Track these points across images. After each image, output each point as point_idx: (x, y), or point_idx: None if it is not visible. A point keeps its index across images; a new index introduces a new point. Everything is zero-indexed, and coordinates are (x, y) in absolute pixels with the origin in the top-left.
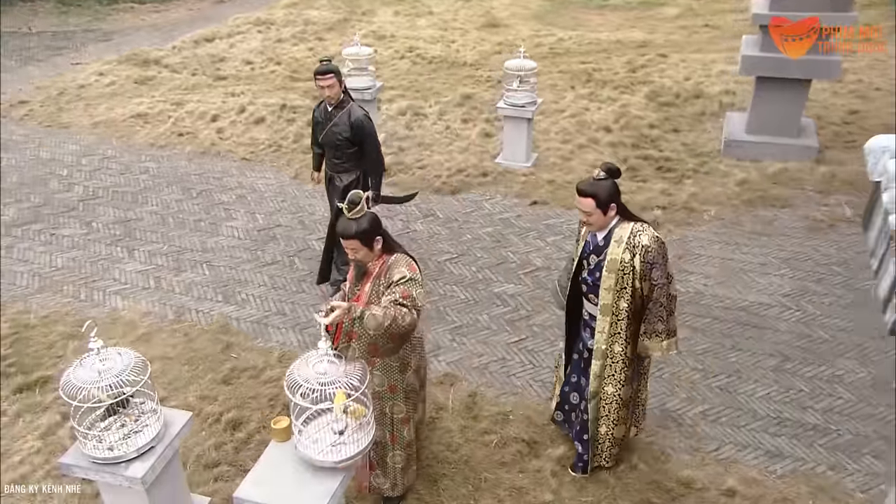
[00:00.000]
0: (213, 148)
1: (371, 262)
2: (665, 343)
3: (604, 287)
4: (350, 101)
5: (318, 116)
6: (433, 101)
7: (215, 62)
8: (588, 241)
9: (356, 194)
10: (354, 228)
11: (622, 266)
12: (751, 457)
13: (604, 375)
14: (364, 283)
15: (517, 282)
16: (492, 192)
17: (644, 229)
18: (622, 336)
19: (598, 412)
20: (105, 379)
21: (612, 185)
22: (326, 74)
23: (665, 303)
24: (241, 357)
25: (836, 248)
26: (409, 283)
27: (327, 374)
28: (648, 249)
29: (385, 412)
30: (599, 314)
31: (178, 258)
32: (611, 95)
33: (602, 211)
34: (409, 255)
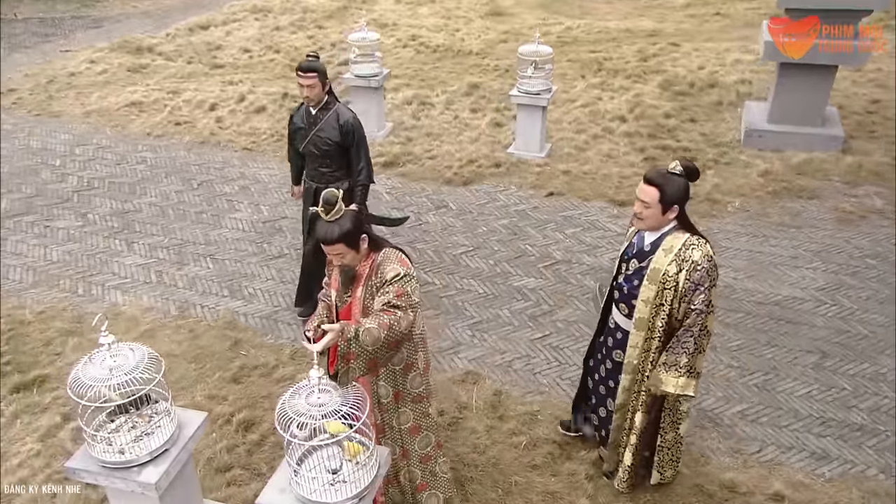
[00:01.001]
0: (213, 138)
1: (359, 264)
2: (682, 381)
3: (641, 298)
4: (335, 101)
5: (299, 121)
6: (439, 90)
7: (211, 50)
8: (633, 242)
9: (331, 193)
10: (337, 231)
11: (665, 279)
12: (796, 459)
13: (633, 390)
14: (355, 288)
15: (538, 275)
16: (505, 183)
17: (699, 244)
18: (653, 355)
19: (622, 422)
20: (116, 376)
21: (683, 185)
22: (309, 73)
23: (697, 334)
24: (251, 354)
25: (868, 240)
26: (402, 280)
27: (322, 405)
28: (697, 267)
29: (392, 425)
30: (634, 328)
31: (180, 251)
32: (623, 85)
33: (662, 208)
34: (397, 248)
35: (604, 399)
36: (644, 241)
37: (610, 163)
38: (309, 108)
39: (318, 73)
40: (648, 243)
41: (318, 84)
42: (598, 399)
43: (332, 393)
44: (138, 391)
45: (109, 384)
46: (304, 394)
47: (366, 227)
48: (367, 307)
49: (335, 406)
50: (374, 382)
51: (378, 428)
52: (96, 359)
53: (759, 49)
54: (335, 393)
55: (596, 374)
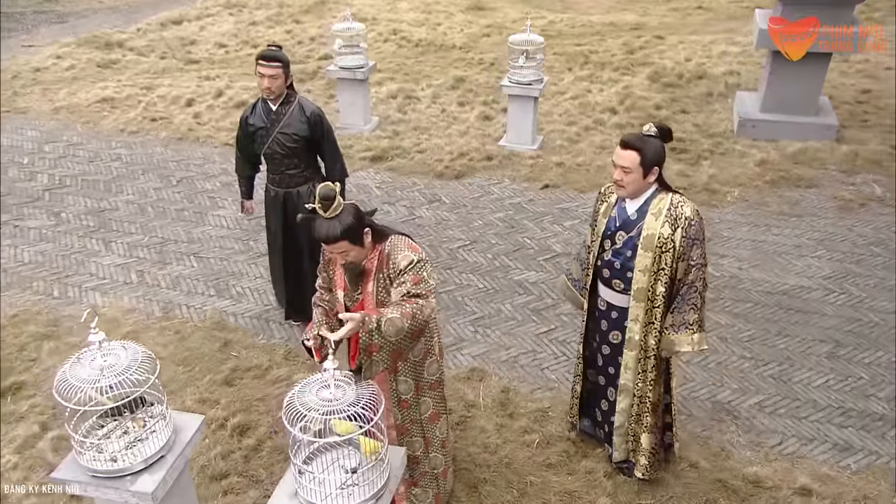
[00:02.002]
0: (191, 133)
1: (364, 259)
2: (696, 336)
3: (638, 268)
4: (296, 94)
5: (258, 121)
6: (424, 84)
7: (185, 45)
8: (614, 216)
9: (328, 188)
10: (339, 228)
11: (661, 242)
12: (818, 451)
13: (638, 369)
14: (365, 283)
15: (538, 269)
16: (498, 176)
17: (685, 200)
18: (656, 326)
19: (628, 407)
20: (107, 377)
21: (660, 146)
22: (273, 62)
23: (700, 288)
24: (243, 355)
25: (871, 227)
26: (417, 266)
27: (335, 400)
28: (692, 222)
29: (415, 419)
30: (633, 300)
31: (161, 250)
32: (611, 77)
33: (643, 171)
34: (402, 234)
35: (604, 390)
36: (627, 210)
37: (604, 154)
38: (268, 103)
39: (281, 64)
40: (633, 211)
41: (282, 76)
42: (598, 391)
43: (345, 389)
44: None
45: (98, 386)
46: (316, 388)
47: (367, 218)
48: (381, 301)
49: (347, 404)
50: (392, 381)
51: (400, 429)
52: (85, 358)
53: (744, 42)
54: (349, 389)
55: (594, 364)
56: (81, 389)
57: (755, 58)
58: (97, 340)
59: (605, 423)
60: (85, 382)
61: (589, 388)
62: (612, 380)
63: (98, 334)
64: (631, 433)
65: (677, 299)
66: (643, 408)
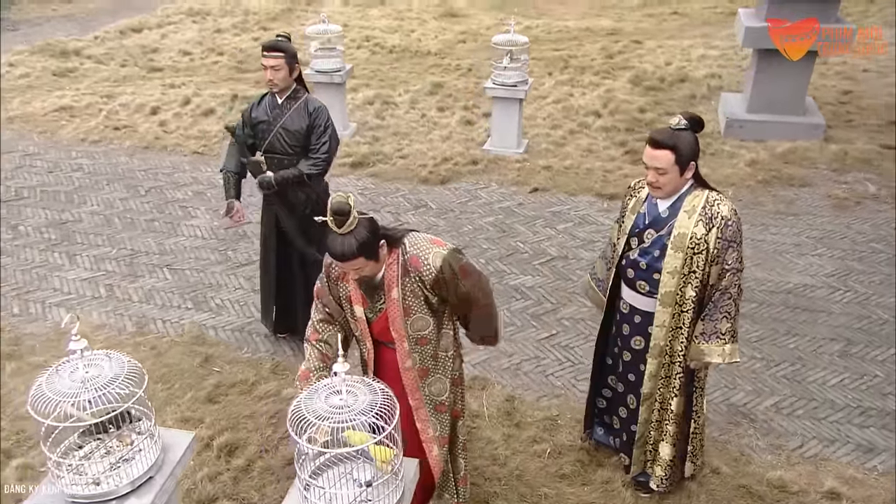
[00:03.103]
0: (158, 142)
1: (380, 271)
2: (728, 348)
3: (667, 270)
4: (305, 91)
5: (262, 114)
6: (401, 89)
7: (147, 53)
8: (643, 212)
9: (341, 201)
10: (356, 244)
11: (693, 243)
12: (842, 452)
13: (660, 376)
14: (388, 292)
15: (534, 273)
16: (485, 180)
17: (722, 198)
18: (684, 332)
19: (649, 415)
20: (87, 391)
21: (693, 139)
22: (274, 52)
23: (735, 295)
24: (226, 370)
25: (869, 225)
26: (453, 259)
27: (346, 407)
28: (728, 222)
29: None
30: (659, 304)
31: (131, 262)
32: (592, 81)
33: (680, 169)
34: (412, 230)
35: (623, 397)
36: (658, 206)
37: (591, 157)
38: (275, 97)
39: (285, 54)
40: (665, 208)
41: (285, 67)
42: (616, 398)
43: (358, 395)
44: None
45: (77, 402)
46: (325, 394)
47: (381, 229)
48: (408, 307)
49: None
50: (424, 386)
51: (442, 441)
52: (65, 369)
53: (722, 45)
54: (362, 395)
55: (615, 371)
56: (60, 404)
57: (735, 61)
58: (78, 349)
59: (623, 432)
60: (64, 396)
61: (607, 394)
62: (633, 387)
63: (79, 342)
64: (650, 443)
65: (709, 306)
66: (665, 415)
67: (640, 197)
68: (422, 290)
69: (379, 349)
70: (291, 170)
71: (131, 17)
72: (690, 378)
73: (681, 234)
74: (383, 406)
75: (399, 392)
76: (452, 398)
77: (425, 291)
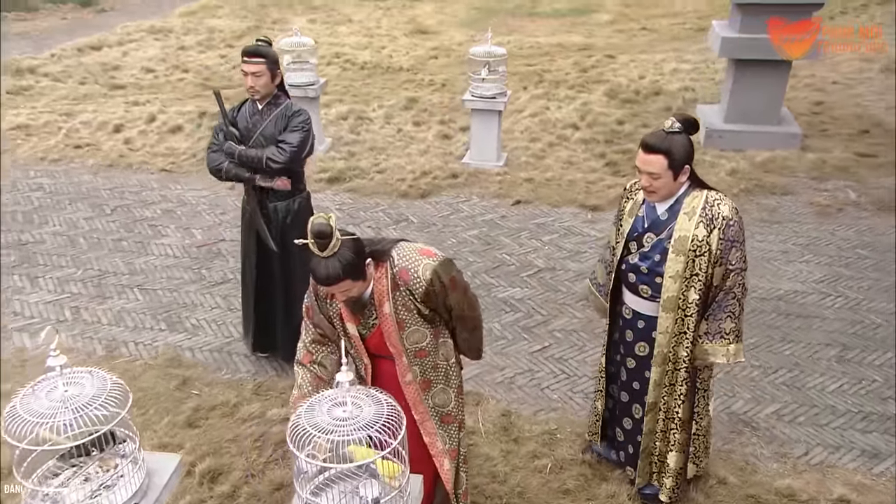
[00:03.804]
0: (123, 160)
1: (367, 288)
2: (732, 348)
3: (668, 274)
4: (287, 97)
5: (240, 121)
6: (375, 105)
7: (108, 70)
8: (641, 215)
9: (322, 223)
10: (340, 267)
11: (695, 245)
12: (847, 459)
13: (664, 384)
14: (380, 306)
15: (522, 285)
16: (466, 193)
17: (722, 198)
18: (688, 337)
19: (654, 425)
20: (66, 412)
21: (687, 141)
22: (255, 58)
23: (739, 295)
24: (205, 393)
25: (853, 231)
26: (444, 272)
27: (350, 420)
28: (730, 223)
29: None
30: (661, 310)
31: (99, 283)
32: (568, 94)
33: (674, 174)
34: (400, 240)
35: (628, 407)
36: (657, 209)
37: (572, 169)
38: (255, 104)
39: (266, 60)
40: (664, 210)
41: (267, 73)
42: (620, 409)
43: (363, 407)
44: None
45: (54, 424)
46: (328, 405)
47: (368, 244)
48: (401, 321)
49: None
50: (427, 398)
51: (453, 453)
52: (41, 388)
53: (694, 59)
54: (367, 407)
55: (618, 379)
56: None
57: (707, 74)
58: (57, 365)
59: (628, 444)
60: (41, 417)
61: (609, 405)
62: (638, 396)
63: (58, 357)
64: (656, 453)
65: (713, 306)
66: (670, 424)
67: (637, 199)
68: (413, 303)
69: (376, 362)
70: (257, 150)
71: (89, 36)
72: (693, 384)
73: (682, 238)
74: (389, 419)
75: (402, 406)
76: (458, 408)
77: (417, 304)
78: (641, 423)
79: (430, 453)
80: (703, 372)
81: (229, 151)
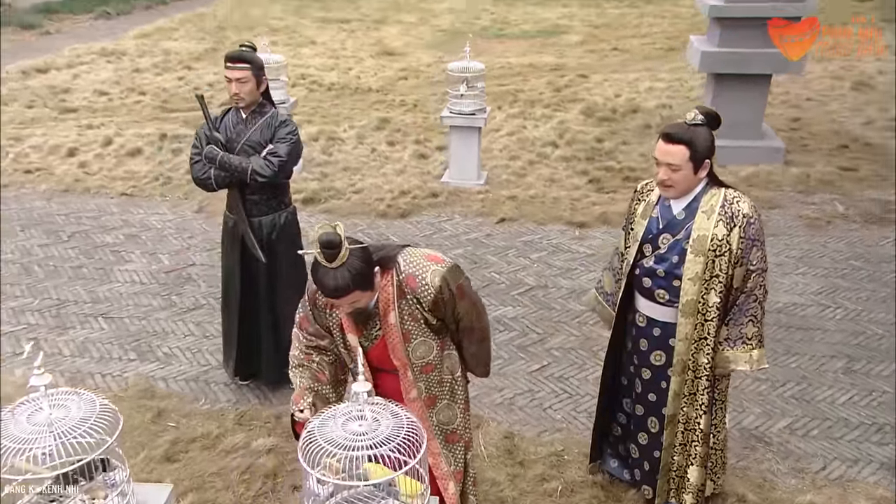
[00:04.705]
0: (79, 184)
1: (374, 298)
2: (756, 353)
3: (687, 276)
4: (273, 106)
5: (223, 131)
6: (346, 125)
7: (57, 93)
8: (656, 216)
9: (328, 230)
10: (349, 277)
11: (715, 245)
12: (867, 472)
13: (684, 394)
14: (385, 316)
15: (514, 304)
16: (448, 212)
17: (741, 196)
18: (709, 343)
19: (673, 439)
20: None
21: (709, 135)
22: (239, 63)
23: (761, 297)
24: (183, 425)
25: (844, 243)
26: (451, 278)
27: (367, 434)
28: (751, 221)
29: (458, 456)
30: (680, 315)
31: (58, 313)
32: (544, 113)
33: (694, 166)
34: (405, 246)
35: (643, 421)
36: (673, 209)
37: (555, 186)
38: (239, 112)
39: (251, 65)
40: (681, 210)
41: (252, 79)
42: (635, 423)
43: (381, 420)
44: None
45: (28, 454)
46: (343, 419)
47: (374, 254)
48: (407, 331)
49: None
50: (432, 415)
51: (458, 475)
52: (22, 412)
53: (668, 78)
54: (385, 420)
55: (632, 392)
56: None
57: (682, 92)
58: (41, 385)
59: (644, 461)
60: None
61: (622, 420)
62: (655, 409)
63: (42, 376)
64: (674, 469)
65: (734, 310)
66: (691, 436)
67: (651, 200)
68: (420, 312)
69: (378, 377)
70: (242, 158)
71: (34, 59)
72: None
73: (700, 237)
74: (410, 433)
75: None
76: (464, 426)
77: (424, 313)
78: (658, 437)
79: (434, 475)
80: (720, 382)
81: (210, 156)
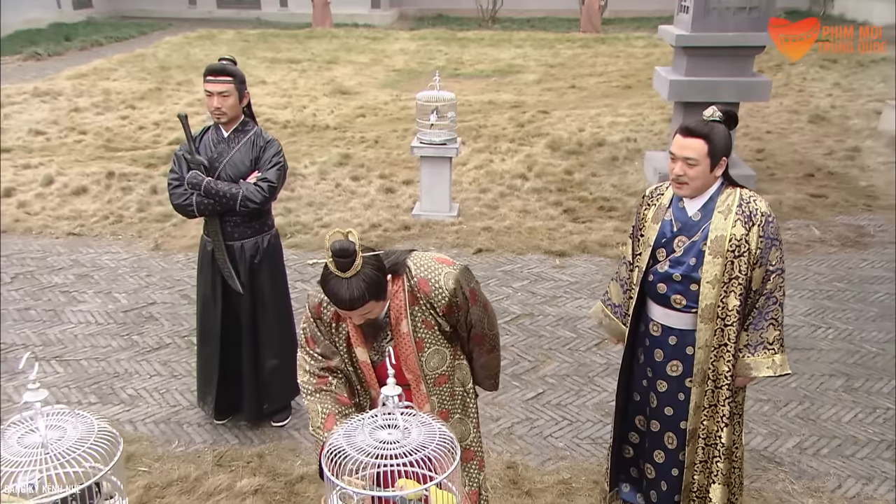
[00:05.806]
0: (19, 225)
1: (385, 307)
2: (778, 358)
3: (706, 279)
4: (255, 124)
5: (204, 150)
6: (306, 161)
7: None
8: (669, 219)
9: (341, 238)
10: (364, 286)
11: (733, 245)
12: (884, 489)
13: (704, 405)
14: (397, 326)
15: (502, 332)
16: (422, 244)
17: (756, 195)
18: (729, 350)
19: (694, 456)
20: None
21: (727, 133)
22: (221, 76)
23: (781, 299)
24: (156, 469)
25: (825, 266)
26: (463, 281)
27: (397, 443)
28: (769, 219)
29: (473, 475)
30: (699, 321)
31: (6, 358)
32: (510, 147)
33: (711, 162)
34: (412, 250)
35: (659, 438)
36: (687, 210)
37: (529, 217)
38: (220, 130)
39: (233, 78)
40: (696, 211)
41: (234, 93)
42: (650, 441)
43: (412, 429)
44: None
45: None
46: (370, 427)
47: (386, 263)
48: (420, 340)
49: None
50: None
51: (473, 496)
52: (13, 433)
53: (630, 113)
54: (415, 429)
55: (646, 407)
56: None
57: (645, 126)
58: (36, 401)
59: (661, 481)
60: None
61: (634, 440)
62: (672, 424)
63: (38, 392)
64: (695, 489)
65: (753, 313)
66: (712, 452)
67: (662, 204)
68: (434, 317)
69: None
70: (230, 184)
71: None
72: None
73: (718, 238)
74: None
75: None
76: (477, 443)
77: (438, 319)
78: (677, 454)
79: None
80: (737, 394)
81: (194, 182)
